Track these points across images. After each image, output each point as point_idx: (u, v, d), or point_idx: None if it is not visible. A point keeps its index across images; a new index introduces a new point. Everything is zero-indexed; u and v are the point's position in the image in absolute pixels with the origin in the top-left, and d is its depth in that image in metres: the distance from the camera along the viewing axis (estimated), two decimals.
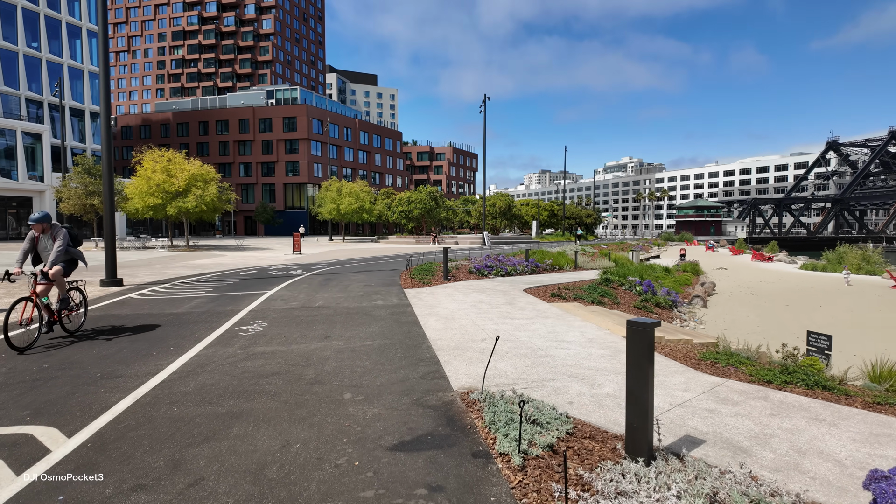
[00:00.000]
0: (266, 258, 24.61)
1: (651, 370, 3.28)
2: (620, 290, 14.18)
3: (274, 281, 14.16)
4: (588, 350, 6.42)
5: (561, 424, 3.87)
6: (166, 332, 7.46)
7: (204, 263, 21.12)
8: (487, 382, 4.97)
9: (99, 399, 4.63)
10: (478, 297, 10.87)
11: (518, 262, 17.82)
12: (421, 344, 6.72)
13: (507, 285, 13.19)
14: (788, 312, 15.41)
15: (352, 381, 5.15)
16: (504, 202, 57.66)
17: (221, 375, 5.36)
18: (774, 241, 53.35)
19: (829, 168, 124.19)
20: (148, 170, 30.36)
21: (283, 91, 75.30)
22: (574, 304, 10.48)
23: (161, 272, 16.90)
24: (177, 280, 14.49)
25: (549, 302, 10.55)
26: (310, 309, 9.44)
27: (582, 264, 22.16)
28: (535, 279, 15.23)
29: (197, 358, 6.07)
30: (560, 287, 12.86)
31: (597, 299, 11.52)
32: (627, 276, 15.72)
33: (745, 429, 3.98)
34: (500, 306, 9.74)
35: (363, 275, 15.97)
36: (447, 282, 13.79)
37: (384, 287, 12.75)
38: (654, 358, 3.30)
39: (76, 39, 52.29)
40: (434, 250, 31.22)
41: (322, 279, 14.64)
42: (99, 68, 12.54)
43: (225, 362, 5.87)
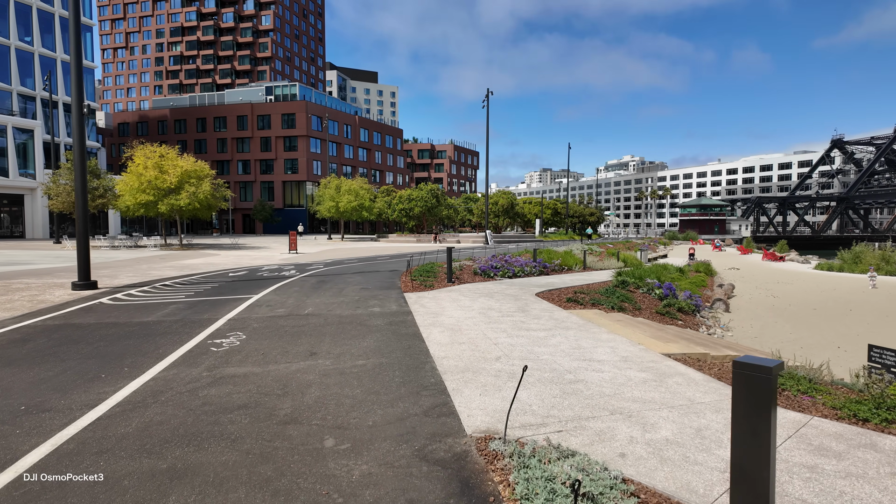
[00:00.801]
0: (260, 258, 23.54)
1: (772, 435, 2.20)
2: (638, 293, 13.11)
3: (263, 283, 13.08)
4: (625, 373, 5.33)
5: (620, 497, 2.79)
6: (126, 347, 6.39)
7: (194, 263, 20.05)
8: (511, 420, 3.89)
9: (7, 447, 3.55)
10: (486, 303, 9.79)
11: (525, 263, 16.74)
12: (424, 364, 5.64)
13: (516, 288, 12.11)
14: (818, 317, 14.31)
15: (336, 418, 4.07)
16: (507, 200, 56.53)
17: (175, 409, 4.28)
18: (784, 241, 52.15)
19: (834, 166, 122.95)
20: (139, 166, 29.22)
21: (281, 87, 74.11)
22: (594, 311, 9.39)
23: (145, 273, 15.83)
24: (159, 282, 13.41)
25: (566, 308, 9.46)
26: (297, 317, 8.35)
27: (591, 264, 21.10)
28: (544, 281, 14.14)
29: (152, 383, 4.99)
30: (574, 291, 11.77)
31: (617, 305, 10.43)
32: (644, 277, 14.63)
33: (871, 501, 2.90)
34: (513, 314, 8.65)
35: (360, 276, 14.88)
36: (451, 284, 12.71)
37: (382, 291, 11.66)
38: (775, 417, 2.21)
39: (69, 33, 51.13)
40: (436, 250, 30.13)
41: (316, 281, 13.55)
42: (70, 56, 11.44)
43: (184, 389, 4.79)
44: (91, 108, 54.06)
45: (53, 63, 49.24)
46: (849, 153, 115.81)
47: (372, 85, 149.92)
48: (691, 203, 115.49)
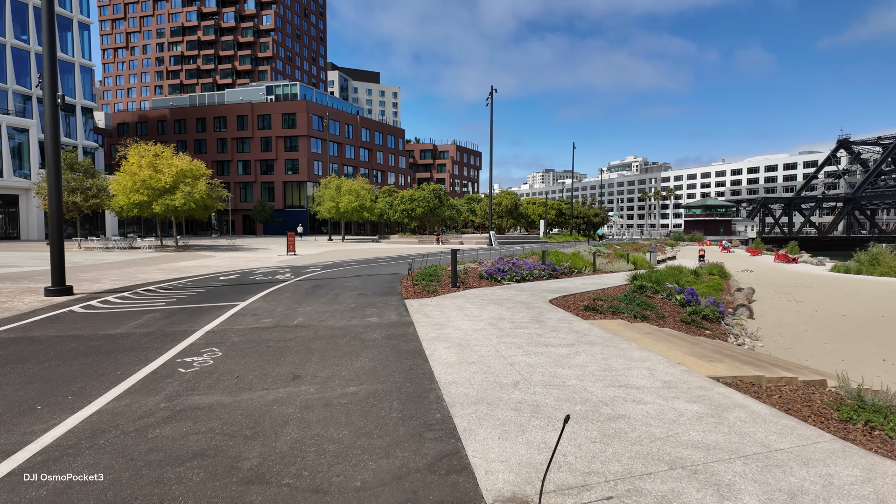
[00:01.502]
0: (256, 259, 22.65)
1: None
2: (657, 298, 12.16)
3: (254, 288, 12.16)
4: (674, 405, 4.38)
5: None
6: (80, 368, 5.47)
7: (186, 266, 19.17)
8: (543, 479, 2.95)
9: None
10: (496, 312, 8.85)
11: (534, 266, 15.79)
12: (427, 392, 4.70)
13: (527, 294, 11.17)
14: (849, 325, 13.33)
15: (315, 475, 3.13)
16: (510, 200, 55.55)
17: (112, 459, 3.36)
18: (794, 242, 50.98)
19: (840, 167, 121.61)
20: (133, 165, 28.40)
21: (282, 87, 73.28)
22: (616, 321, 8.44)
23: (132, 277, 14.94)
24: (143, 286, 12.52)
25: (585, 318, 8.52)
26: (284, 329, 7.42)
27: (600, 267, 20.19)
28: (556, 286, 13.20)
29: (95, 418, 4.07)
30: (591, 297, 10.83)
31: (639, 313, 9.48)
32: (662, 281, 13.68)
33: None
34: (527, 325, 7.71)
35: (358, 280, 13.95)
36: (456, 290, 11.77)
37: (381, 297, 10.73)
38: None
39: (67, 32, 50.45)
40: (438, 251, 29.21)
41: (310, 286, 12.63)
42: (43, 47, 10.57)
43: (132, 428, 3.87)
44: (89, 108, 53.39)
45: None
46: (855, 153, 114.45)
47: (374, 85, 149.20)
48: (696, 204, 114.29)
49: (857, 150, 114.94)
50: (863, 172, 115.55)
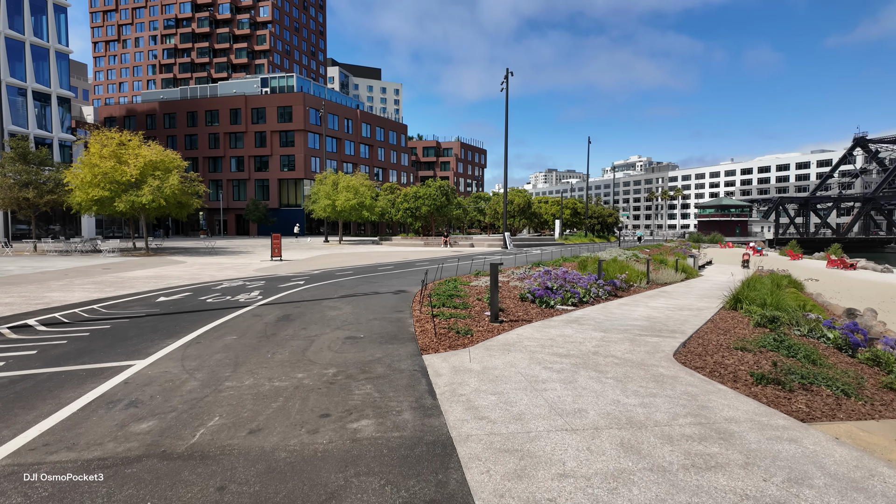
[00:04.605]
0: (231, 267, 18.57)
1: None
2: (792, 332, 8.06)
3: (192, 321, 8.06)
4: None
5: None
6: None
7: (135, 277, 15.08)
8: None
9: None
10: (603, 395, 4.71)
11: (589, 280, 11.68)
12: None
13: (619, 338, 7.03)
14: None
15: None
16: (523, 199, 51.40)
17: None
18: (837, 244, 46.75)
19: (856, 166, 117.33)
20: (94, 155, 24.29)
21: (278, 79, 69.07)
22: (847, 425, 4.30)
23: (41, 297, 10.85)
24: (26, 317, 8.43)
25: (784, 412, 4.36)
26: (151, 474, 3.29)
27: (653, 277, 16.18)
28: (632, 313, 9.09)
29: None
30: (722, 344, 6.72)
31: (844, 389, 5.35)
32: (783, 307, 9.60)
33: None
34: (692, 440, 3.57)
35: (349, 306, 9.80)
36: (498, 326, 7.65)
37: (383, 346, 6.60)
38: None
39: (41, 15, 46.43)
40: (448, 256, 25.14)
41: (277, 316, 8.51)
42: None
43: None
44: (66, 98, 49.32)
45: (22, 46, 44.48)
46: (872, 152, 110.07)
47: (375, 82, 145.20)
48: (710, 203, 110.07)
49: (875, 148, 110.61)
50: (879, 171, 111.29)
